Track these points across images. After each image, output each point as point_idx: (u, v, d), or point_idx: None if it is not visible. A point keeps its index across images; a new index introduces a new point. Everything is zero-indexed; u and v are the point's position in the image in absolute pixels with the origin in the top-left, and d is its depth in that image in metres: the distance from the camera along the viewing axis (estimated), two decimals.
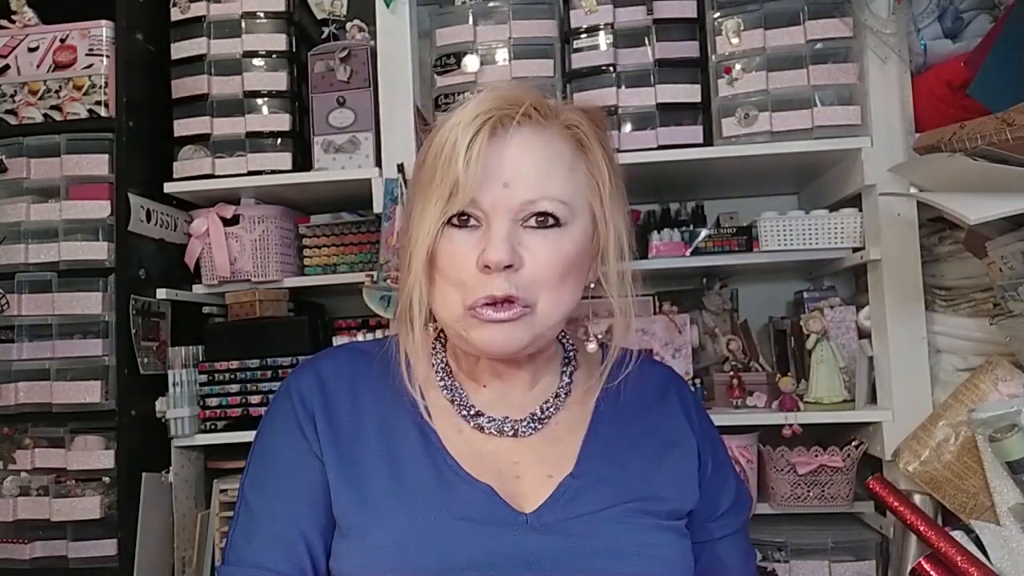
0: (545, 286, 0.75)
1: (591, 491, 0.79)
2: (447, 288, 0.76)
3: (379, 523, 0.75)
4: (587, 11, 1.50)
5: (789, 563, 1.46)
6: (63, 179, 1.52)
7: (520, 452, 0.82)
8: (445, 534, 0.74)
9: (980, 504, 1.27)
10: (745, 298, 1.81)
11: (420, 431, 0.81)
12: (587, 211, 0.79)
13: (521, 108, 0.75)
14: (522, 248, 0.74)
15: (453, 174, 0.72)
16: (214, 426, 1.56)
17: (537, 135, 0.76)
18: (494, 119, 0.74)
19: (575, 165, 0.78)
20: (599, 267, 0.82)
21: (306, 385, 0.83)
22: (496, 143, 0.74)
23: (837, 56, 1.45)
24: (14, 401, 1.48)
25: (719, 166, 1.54)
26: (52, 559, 1.49)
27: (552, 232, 0.75)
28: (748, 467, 1.50)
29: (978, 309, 1.37)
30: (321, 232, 1.67)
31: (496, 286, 0.72)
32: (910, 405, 1.39)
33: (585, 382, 0.88)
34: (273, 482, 0.80)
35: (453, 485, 0.77)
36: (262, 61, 1.58)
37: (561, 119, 0.79)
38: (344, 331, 1.64)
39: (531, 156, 0.75)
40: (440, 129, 0.76)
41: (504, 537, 0.75)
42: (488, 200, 0.74)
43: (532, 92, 0.78)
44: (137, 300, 1.50)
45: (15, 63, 1.57)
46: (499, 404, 0.84)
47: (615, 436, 0.84)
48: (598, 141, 0.80)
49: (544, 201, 0.75)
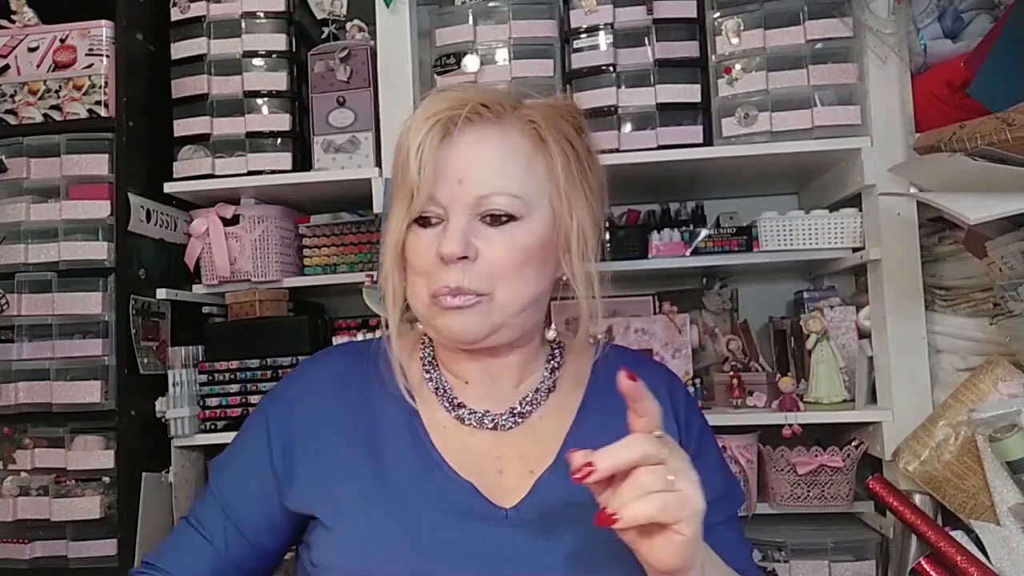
0: (501, 277, 0.79)
1: (570, 486, 0.79)
2: (416, 279, 0.81)
3: (359, 516, 0.78)
4: (587, 11, 1.50)
5: (789, 563, 1.46)
6: (63, 179, 1.52)
7: (503, 447, 0.83)
8: (424, 528, 0.77)
9: (980, 504, 1.27)
10: (745, 298, 1.81)
11: (408, 426, 0.84)
12: (546, 205, 0.81)
13: (467, 107, 0.79)
14: (479, 240, 0.78)
15: (410, 176, 0.77)
16: (214, 426, 1.56)
17: (490, 132, 0.80)
18: (443, 120, 0.78)
19: (533, 159, 0.81)
20: (564, 263, 0.83)
21: (288, 391, 0.89)
22: (449, 142, 0.79)
23: (837, 56, 1.45)
24: (14, 401, 1.48)
25: (719, 166, 1.53)
26: (52, 559, 1.49)
27: (508, 227, 0.79)
28: (748, 467, 1.50)
29: (978, 309, 1.37)
30: (321, 232, 1.67)
31: (451, 277, 0.77)
32: (910, 405, 1.39)
33: (571, 378, 0.89)
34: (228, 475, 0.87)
35: (436, 480, 0.80)
36: (262, 61, 1.58)
37: (521, 114, 0.82)
38: (344, 331, 1.64)
39: (484, 152, 0.79)
40: (401, 134, 0.80)
41: (483, 532, 0.77)
42: (445, 196, 0.79)
43: (482, 91, 0.83)
44: (137, 300, 1.50)
45: (15, 63, 1.57)
46: (483, 399, 0.85)
47: (598, 432, 0.84)
48: (560, 136, 0.82)
49: (497, 196, 0.78)
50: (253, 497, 0.84)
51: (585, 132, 0.86)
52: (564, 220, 0.81)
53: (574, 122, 0.85)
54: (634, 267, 1.56)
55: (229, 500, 0.85)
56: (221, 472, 0.88)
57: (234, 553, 0.84)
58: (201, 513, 0.86)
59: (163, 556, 0.85)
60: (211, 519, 0.85)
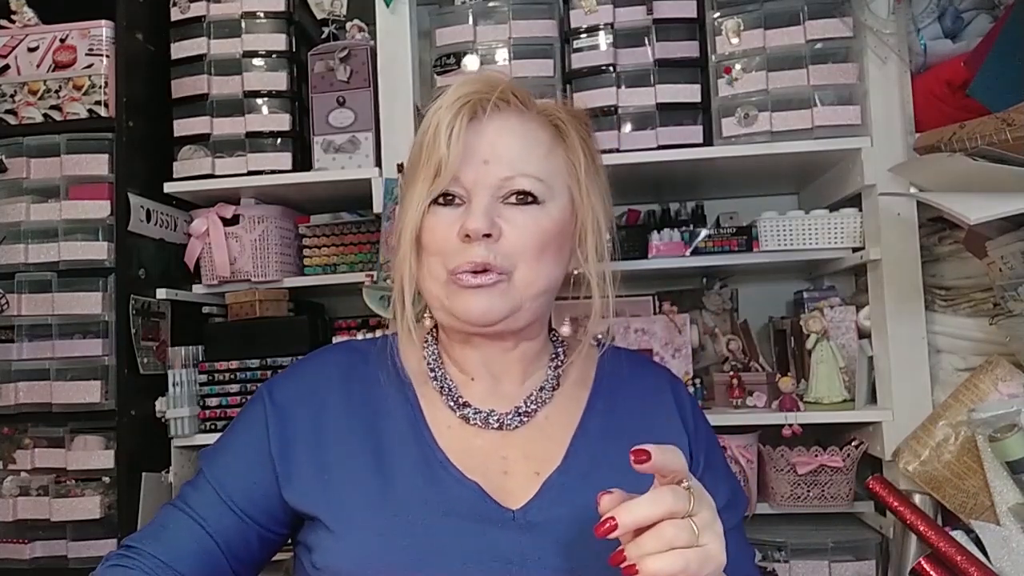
0: (523, 257, 0.79)
1: (577, 488, 0.79)
2: (431, 259, 0.81)
3: (364, 518, 0.77)
4: (587, 11, 1.50)
5: (789, 563, 1.46)
6: (63, 179, 1.52)
7: (508, 447, 0.83)
8: (430, 530, 0.76)
9: (980, 504, 1.27)
10: (745, 298, 1.81)
11: (412, 426, 0.83)
12: (566, 193, 0.83)
13: (498, 89, 0.81)
14: (502, 220, 0.79)
15: (437, 154, 0.78)
16: (214, 426, 1.56)
17: (515, 119, 0.82)
18: (473, 102, 0.80)
19: (553, 150, 0.83)
20: (580, 257, 0.85)
21: (287, 388, 0.86)
22: (476, 124, 0.80)
23: (837, 56, 1.45)
24: (14, 401, 1.48)
25: (719, 166, 1.53)
26: (52, 559, 1.49)
27: (531, 208, 0.80)
28: (748, 467, 1.50)
29: (978, 309, 1.37)
30: (321, 232, 1.67)
31: (476, 253, 0.77)
32: (910, 405, 1.39)
33: (575, 377, 0.89)
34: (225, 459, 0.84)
35: (441, 481, 0.79)
36: (262, 61, 1.58)
37: (540, 109, 0.84)
38: (344, 331, 1.64)
39: (509, 136, 0.81)
40: (426, 114, 0.81)
41: (489, 534, 0.76)
42: (470, 177, 0.79)
43: (510, 80, 0.84)
44: (137, 300, 1.50)
45: (15, 63, 1.57)
46: (488, 398, 0.85)
47: (605, 434, 0.85)
48: (576, 129, 0.84)
49: (521, 178, 0.79)
50: (250, 480, 0.82)
51: (593, 138, 0.88)
52: (582, 210, 0.84)
53: (586, 128, 0.87)
54: (634, 267, 1.56)
55: (223, 482, 0.82)
56: (216, 457, 0.85)
57: (228, 537, 0.81)
58: (192, 498, 0.83)
59: (147, 539, 0.80)
60: (204, 503, 0.82)
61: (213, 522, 0.81)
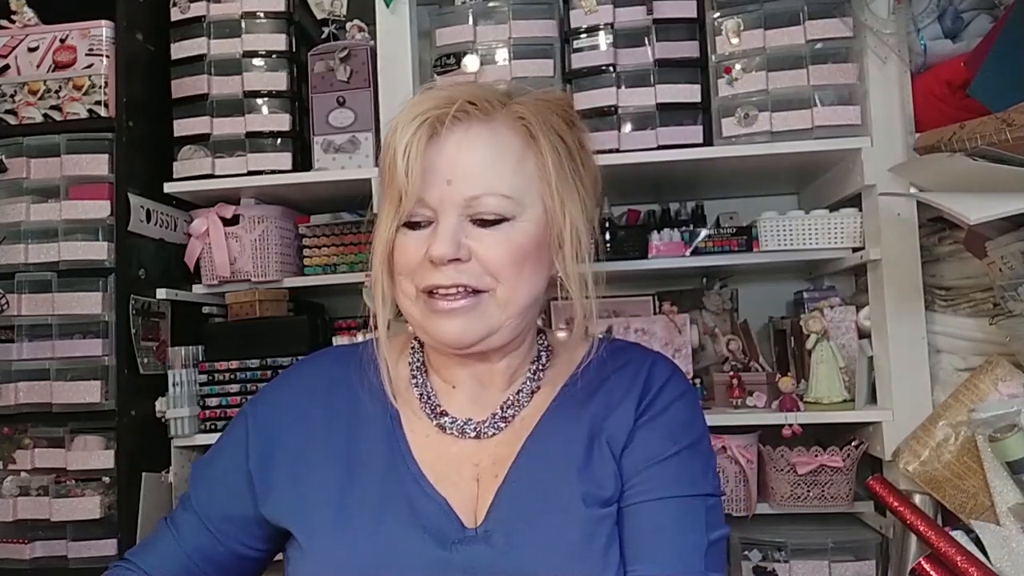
0: (501, 275, 0.76)
1: (528, 493, 0.78)
2: (403, 280, 0.79)
3: (330, 530, 0.77)
4: (587, 11, 1.50)
5: (789, 563, 1.46)
6: (63, 179, 1.52)
7: (481, 454, 0.82)
8: (393, 546, 0.75)
9: (980, 504, 1.27)
10: (745, 298, 1.81)
11: (388, 435, 0.82)
12: (539, 203, 0.79)
13: (455, 104, 0.76)
14: (471, 240, 0.76)
15: (398, 178, 0.74)
16: (214, 426, 1.56)
17: (479, 130, 0.77)
18: (431, 119, 0.75)
19: (523, 157, 0.78)
20: (558, 264, 0.81)
21: (270, 404, 0.87)
22: (437, 142, 0.76)
23: (837, 56, 1.45)
24: (14, 401, 1.48)
25: (719, 166, 1.54)
26: (52, 559, 1.49)
27: (502, 226, 0.77)
28: (748, 467, 1.49)
29: (978, 309, 1.37)
30: (321, 232, 1.67)
31: (446, 276, 0.75)
32: (910, 405, 1.39)
33: (552, 379, 0.86)
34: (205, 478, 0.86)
35: (409, 494, 0.78)
36: (262, 61, 1.58)
37: (510, 111, 0.79)
38: (344, 331, 1.64)
39: (472, 152, 0.76)
40: (387, 134, 0.78)
41: (449, 549, 0.75)
42: (435, 198, 0.76)
43: (470, 88, 0.79)
44: (137, 300, 1.50)
45: (15, 63, 1.57)
46: (469, 406, 0.84)
47: (551, 437, 0.82)
48: (551, 132, 0.79)
49: (488, 198, 0.76)
50: (227, 497, 0.84)
51: (577, 126, 0.84)
52: (556, 218, 0.79)
53: (565, 116, 0.82)
54: (634, 267, 1.56)
55: (201, 499, 0.85)
56: (200, 472, 0.87)
57: (206, 555, 0.84)
58: (177, 513, 0.87)
59: (139, 553, 0.86)
60: (184, 520, 0.85)
61: (191, 539, 0.84)
